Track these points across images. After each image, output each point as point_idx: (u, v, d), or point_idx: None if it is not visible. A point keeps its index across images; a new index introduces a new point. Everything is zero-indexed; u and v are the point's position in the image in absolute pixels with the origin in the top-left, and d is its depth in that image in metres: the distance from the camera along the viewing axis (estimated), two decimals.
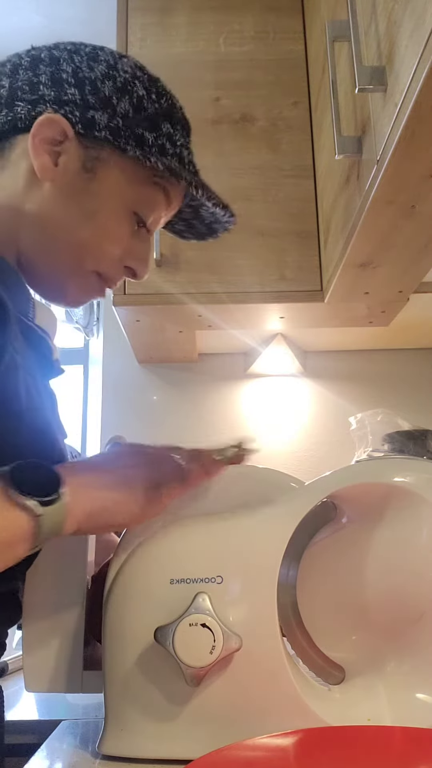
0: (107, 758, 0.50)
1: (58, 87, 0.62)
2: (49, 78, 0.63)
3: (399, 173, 0.77)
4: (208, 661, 0.46)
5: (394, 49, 0.70)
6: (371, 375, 1.56)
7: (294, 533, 0.51)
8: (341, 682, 0.53)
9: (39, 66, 0.63)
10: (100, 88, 0.63)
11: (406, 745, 0.44)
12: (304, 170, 1.26)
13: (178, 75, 1.29)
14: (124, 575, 0.52)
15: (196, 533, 0.52)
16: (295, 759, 0.43)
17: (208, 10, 1.34)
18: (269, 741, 0.44)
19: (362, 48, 0.78)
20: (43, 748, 0.54)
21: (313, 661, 0.54)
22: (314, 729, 0.46)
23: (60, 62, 0.64)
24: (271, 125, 1.28)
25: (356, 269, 1.06)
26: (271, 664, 0.49)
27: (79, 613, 0.57)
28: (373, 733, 0.46)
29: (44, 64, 0.63)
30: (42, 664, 0.57)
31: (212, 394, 1.57)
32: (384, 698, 0.51)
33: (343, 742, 0.44)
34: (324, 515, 0.55)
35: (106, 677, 0.52)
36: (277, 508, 0.52)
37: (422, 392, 1.55)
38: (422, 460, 0.56)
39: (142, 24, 1.33)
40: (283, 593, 0.52)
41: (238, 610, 0.49)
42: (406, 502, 0.52)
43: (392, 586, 0.53)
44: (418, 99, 0.64)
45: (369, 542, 0.54)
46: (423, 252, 1.00)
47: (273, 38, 1.33)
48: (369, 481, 0.53)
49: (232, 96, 1.29)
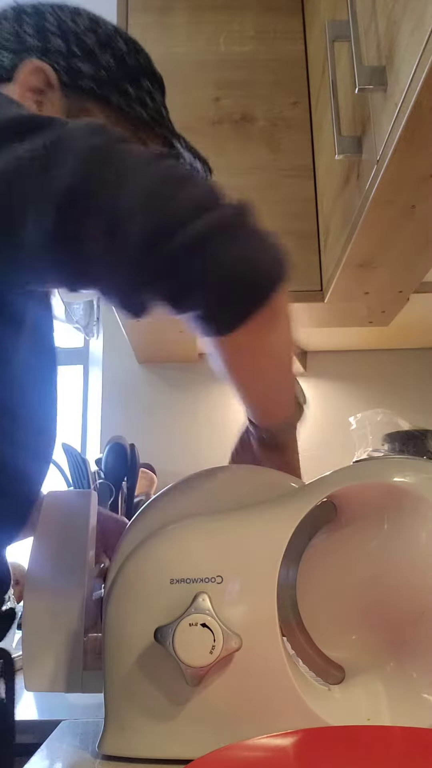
0: (107, 758, 0.50)
1: (43, 37, 0.63)
2: (34, 29, 0.64)
3: (399, 173, 0.77)
4: (208, 661, 0.46)
5: (394, 49, 0.70)
6: (371, 375, 1.56)
7: (294, 533, 0.51)
8: (341, 681, 0.53)
9: (23, 17, 0.64)
10: (84, 40, 0.65)
11: (406, 745, 0.44)
12: (304, 170, 1.26)
13: (178, 75, 1.29)
14: (124, 575, 0.52)
15: (196, 533, 0.52)
16: (295, 759, 0.43)
17: (208, 9, 1.34)
18: (269, 741, 0.44)
19: (362, 48, 0.78)
20: (43, 748, 0.54)
21: (313, 661, 0.54)
22: (314, 729, 0.46)
23: (44, 14, 0.65)
24: (271, 125, 1.28)
25: (356, 269, 1.06)
26: (271, 664, 0.49)
27: (79, 612, 0.57)
28: (373, 733, 0.46)
29: (28, 16, 0.65)
30: (42, 664, 0.57)
31: (212, 394, 1.57)
32: (384, 698, 0.51)
33: (343, 742, 0.44)
34: (324, 515, 0.55)
35: (106, 677, 0.52)
36: (277, 508, 0.52)
37: (422, 392, 1.55)
38: (422, 460, 0.56)
39: (142, 24, 1.33)
40: (283, 593, 0.52)
41: (238, 610, 0.49)
42: (406, 502, 0.52)
43: (392, 585, 0.53)
44: (418, 99, 0.64)
45: (369, 542, 0.54)
46: (423, 252, 1.00)
47: (273, 38, 1.33)
48: (369, 481, 0.53)
49: (232, 96, 1.29)
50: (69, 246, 0.42)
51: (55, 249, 0.43)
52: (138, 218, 0.42)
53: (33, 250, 0.43)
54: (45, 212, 0.41)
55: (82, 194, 0.42)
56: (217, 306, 0.46)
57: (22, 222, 0.42)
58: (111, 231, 0.41)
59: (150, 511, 0.56)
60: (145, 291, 0.45)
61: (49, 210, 0.41)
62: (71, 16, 0.66)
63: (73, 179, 0.42)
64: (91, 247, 0.42)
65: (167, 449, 1.53)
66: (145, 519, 0.55)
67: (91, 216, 0.42)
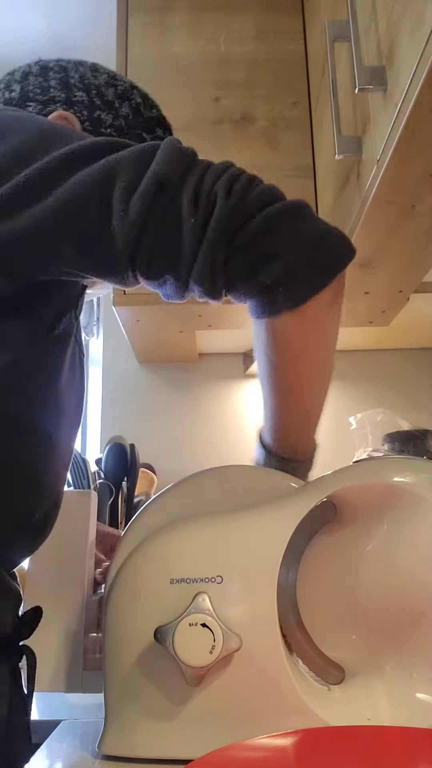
0: (107, 758, 0.50)
1: (67, 90, 0.71)
2: (59, 82, 0.71)
3: (399, 173, 0.77)
4: (208, 661, 0.46)
5: (394, 49, 0.70)
6: (371, 375, 1.56)
7: (294, 533, 0.51)
8: (341, 681, 0.53)
9: (48, 73, 0.72)
10: (104, 93, 0.72)
11: (406, 745, 0.44)
12: (304, 170, 1.25)
13: (178, 75, 1.30)
14: (124, 575, 0.52)
15: (196, 533, 0.52)
16: (295, 759, 0.43)
17: (208, 9, 1.34)
18: (269, 741, 0.44)
19: (362, 48, 0.78)
20: (43, 748, 0.54)
21: (313, 661, 0.54)
22: (314, 729, 0.46)
23: (68, 70, 0.73)
24: (271, 125, 1.28)
25: (356, 269, 1.05)
26: (271, 664, 0.49)
27: (79, 612, 0.57)
28: (373, 733, 0.46)
29: (53, 72, 0.72)
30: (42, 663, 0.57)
31: (212, 394, 1.57)
32: (384, 698, 0.51)
33: (343, 742, 0.44)
34: (324, 515, 0.55)
35: (106, 677, 0.52)
36: (277, 508, 0.52)
37: (422, 392, 1.55)
38: (422, 460, 0.56)
39: (142, 24, 1.33)
40: (283, 593, 0.52)
41: (238, 610, 0.49)
42: (406, 501, 0.52)
43: (392, 585, 0.53)
44: (418, 99, 0.64)
45: (369, 542, 0.54)
46: (423, 252, 1.00)
47: (273, 38, 1.33)
48: (369, 481, 0.53)
49: (232, 96, 1.29)
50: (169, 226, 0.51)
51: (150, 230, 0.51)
52: (231, 200, 0.51)
53: (125, 233, 0.51)
54: (142, 202, 0.50)
55: (176, 184, 0.52)
56: (295, 272, 0.53)
57: (111, 212, 0.51)
58: (206, 216, 0.50)
59: (150, 511, 0.56)
60: (232, 265, 0.52)
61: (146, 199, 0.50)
62: (91, 72, 0.73)
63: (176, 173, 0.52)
64: (192, 222, 0.51)
65: (167, 449, 1.53)
66: (145, 519, 0.55)
67: (189, 198, 0.51)
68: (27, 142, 0.56)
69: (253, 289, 0.54)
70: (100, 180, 0.52)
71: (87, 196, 0.52)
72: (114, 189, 0.51)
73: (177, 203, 0.51)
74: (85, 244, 0.53)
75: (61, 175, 0.52)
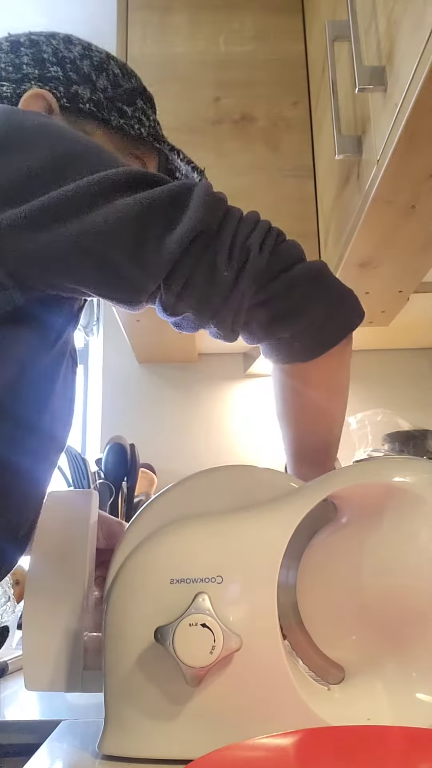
0: (107, 758, 0.50)
1: (41, 66, 0.67)
2: (32, 58, 0.67)
3: (399, 173, 0.77)
4: (208, 661, 0.46)
5: (394, 49, 0.70)
6: (371, 375, 1.56)
7: (294, 533, 0.51)
8: (341, 681, 0.53)
9: (20, 48, 0.68)
10: (79, 66, 0.68)
11: (406, 745, 0.44)
12: (304, 170, 1.26)
13: (178, 75, 1.30)
14: (124, 575, 0.52)
15: (196, 533, 0.52)
16: (295, 759, 0.43)
17: (209, 9, 1.34)
18: (269, 741, 0.44)
19: (362, 48, 0.78)
20: (43, 748, 0.54)
21: (313, 661, 0.54)
22: (314, 729, 0.46)
23: (40, 44, 0.68)
24: (271, 125, 1.28)
25: (356, 269, 1.05)
26: (271, 664, 0.49)
27: (79, 612, 0.57)
28: (373, 733, 0.46)
29: (25, 47, 0.68)
30: (42, 663, 0.57)
31: (212, 394, 1.57)
32: (384, 698, 0.51)
33: (343, 742, 0.44)
34: (324, 515, 0.55)
35: (106, 677, 0.52)
36: (277, 508, 0.52)
37: (422, 392, 1.55)
38: (422, 460, 0.56)
39: (143, 24, 1.33)
40: (283, 593, 0.52)
41: (238, 610, 0.49)
42: (406, 502, 0.52)
43: (392, 585, 0.53)
44: (418, 99, 0.64)
45: (369, 542, 0.54)
46: (423, 252, 1.00)
47: (273, 38, 1.33)
48: (369, 481, 0.53)
49: (232, 96, 1.29)
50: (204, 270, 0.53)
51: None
52: (263, 255, 0.54)
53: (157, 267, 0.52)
54: (174, 246, 0.51)
55: (212, 235, 0.53)
56: (315, 329, 0.56)
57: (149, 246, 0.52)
58: (239, 267, 0.53)
59: (150, 511, 0.56)
60: (256, 315, 0.55)
61: (180, 242, 0.51)
62: (65, 45, 0.69)
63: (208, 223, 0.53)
64: (224, 271, 0.53)
65: (167, 449, 1.53)
66: (145, 519, 0.55)
67: (221, 249, 0.53)
68: (42, 159, 0.53)
69: (271, 338, 0.58)
70: (134, 219, 0.51)
71: (119, 232, 0.51)
72: (149, 231, 0.51)
73: (213, 251, 0.52)
74: (108, 278, 0.53)
75: (89, 201, 0.51)
